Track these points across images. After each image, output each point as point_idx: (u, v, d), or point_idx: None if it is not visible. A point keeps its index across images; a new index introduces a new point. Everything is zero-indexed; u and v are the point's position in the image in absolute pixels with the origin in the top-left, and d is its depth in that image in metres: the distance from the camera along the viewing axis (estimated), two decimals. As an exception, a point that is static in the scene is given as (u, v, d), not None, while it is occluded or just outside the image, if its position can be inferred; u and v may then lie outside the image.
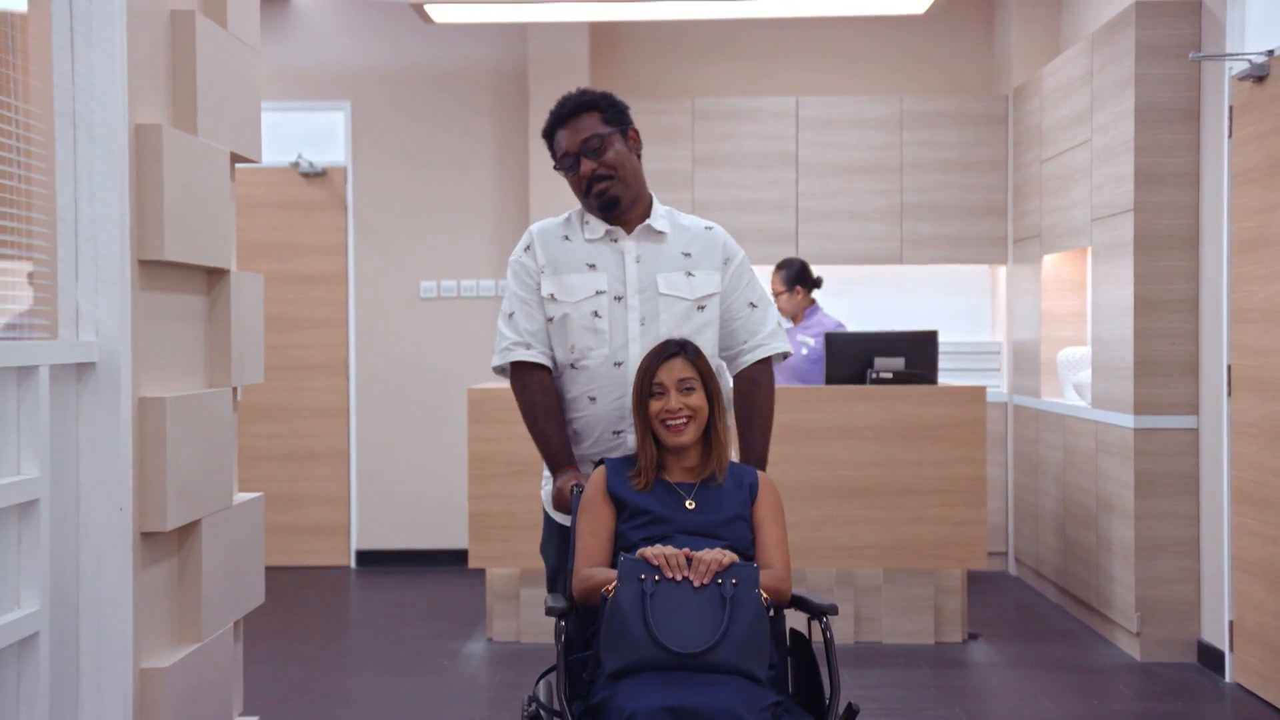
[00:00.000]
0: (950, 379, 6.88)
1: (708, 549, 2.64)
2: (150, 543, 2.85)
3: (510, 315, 3.07)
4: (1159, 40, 5.10)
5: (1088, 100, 5.71)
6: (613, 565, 2.72)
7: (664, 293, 3.02)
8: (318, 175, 7.24)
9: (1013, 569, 6.96)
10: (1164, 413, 5.11)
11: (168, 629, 2.97)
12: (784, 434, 4.83)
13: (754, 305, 3.13)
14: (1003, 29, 7.15)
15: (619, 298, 3.01)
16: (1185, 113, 5.11)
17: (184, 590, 3.02)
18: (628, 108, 3.12)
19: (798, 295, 5.98)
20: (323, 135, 7.28)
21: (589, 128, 3.03)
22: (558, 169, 3.09)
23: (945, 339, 6.91)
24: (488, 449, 5.42)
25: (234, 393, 3.32)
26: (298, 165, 7.20)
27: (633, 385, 2.87)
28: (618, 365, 2.99)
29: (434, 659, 5.22)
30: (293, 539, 7.23)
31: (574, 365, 3.02)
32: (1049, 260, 6.47)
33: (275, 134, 7.02)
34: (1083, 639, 5.51)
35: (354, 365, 7.28)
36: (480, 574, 6.29)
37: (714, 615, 2.56)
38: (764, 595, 2.63)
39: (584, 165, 3.03)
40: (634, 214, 3.08)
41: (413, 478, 7.24)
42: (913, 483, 5.40)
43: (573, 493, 2.91)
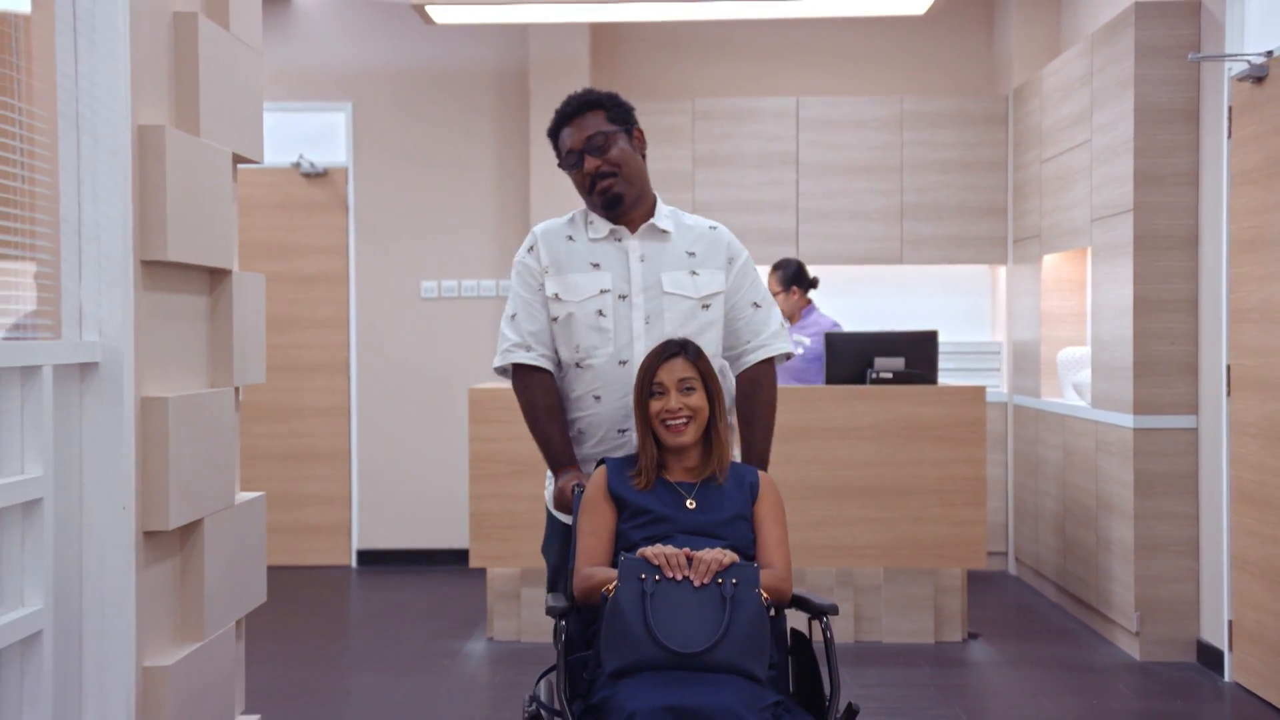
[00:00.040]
0: (950, 379, 6.89)
1: (708, 549, 2.65)
2: (153, 542, 2.86)
3: (513, 316, 3.08)
4: (1159, 41, 5.11)
5: (1087, 100, 5.72)
6: (614, 565, 2.73)
7: (669, 291, 3.02)
8: (319, 175, 7.25)
9: (1012, 569, 6.97)
10: (1163, 412, 5.12)
11: (170, 628, 2.98)
12: (784, 434, 4.83)
13: (758, 305, 3.13)
14: (1003, 29, 7.16)
15: (623, 296, 3.02)
16: (1185, 113, 5.12)
17: (186, 589, 3.03)
18: (633, 108, 3.13)
19: (794, 295, 5.99)
20: (324, 136, 7.29)
21: (593, 125, 3.05)
22: (562, 167, 3.10)
23: (945, 339, 6.92)
24: (488, 449, 5.43)
25: (236, 392, 3.33)
26: (299, 166, 7.21)
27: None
28: (622, 364, 2.99)
29: (435, 658, 5.23)
30: (294, 539, 7.24)
31: (579, 364, 3.03)
32: (1049, 260, 6.48)
33: (276, 134, 7.03)
34: (1082, 638, 5.52)
35: (355, 365, 7.29)
36: (481, 573, 6.30)
37: (714, 615, 2.56)
38: (764, 595, 2.63)
39: (588, 162, 3.04)
40: (638, 213, 3.09)
41: (413, 477, 7.25)
42: (913, 483, 5.41)
43: (574, 492, 2.92)
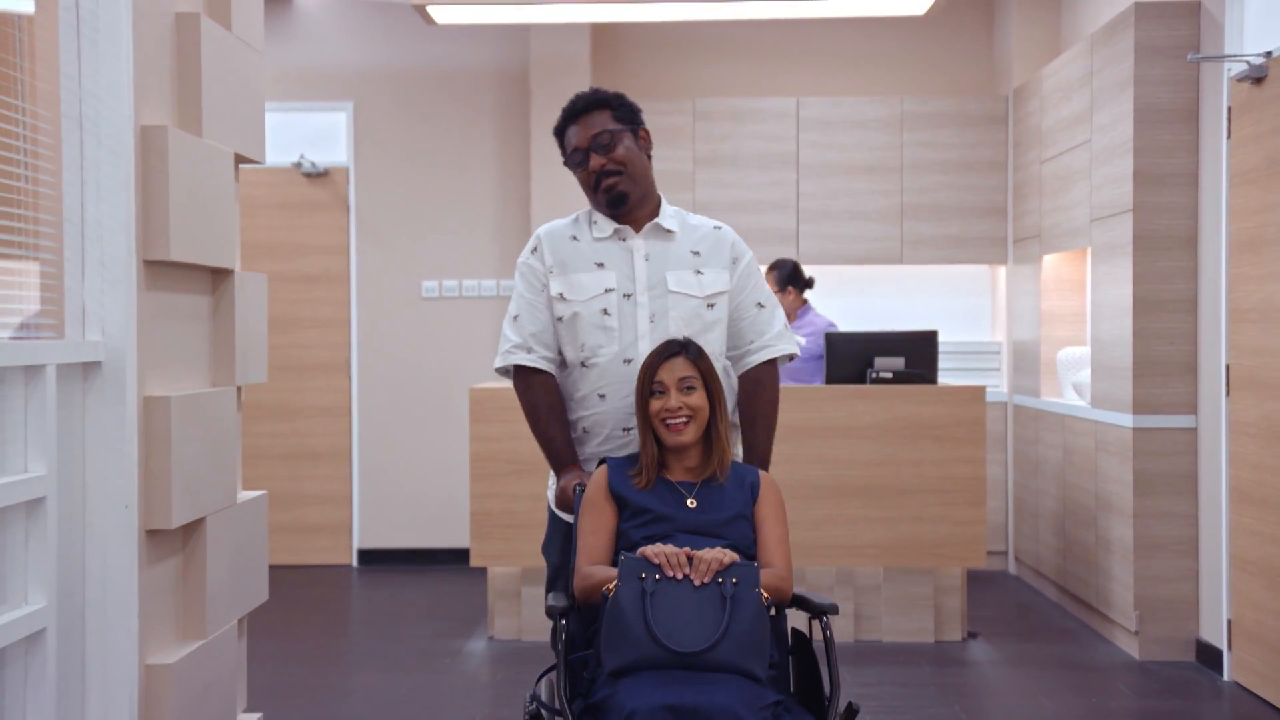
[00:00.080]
0: (950, 379, 6.90)
1: (708, 548, 2.66)
2: (155, 540, 2.87)
3: (515, 317, 3.10)
4: (1158, 41, 5.12)
5: (1087, 101, 5.72)
6: (614, 564, 2.74)
7: (673, 290, 3.04)
8: (320, 175, 7.26)
9: (1012, 568, 6.98)
10: (1163, 412, 5.13)
11: (173, 626, 2.99)
12: (784, 434, 4.83)
13: (762, 305, 3.14)
14: (1003, 30, 7.17)
15: (628, 295, 3.03)
16: (1184, 114, 5.13)
17: (189, 587, 3.04)
18: (640, 109, 3.15)
19: (790, 296, 6.02)
20: (325, 136, 7.30)
21: (600, 124, 3.07)
22: (567, 165, 3.12)
23: (945, 339, 6.93)
24: (489, 448, 5.44)
25: (238, 392, 3.34)
26: (300, 165, 7.22)
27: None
28: (627, 362, 3.00)
29: (435, 657, 5.24)
30: (295, 538, 7.25)
31: (584, 363, 3.04)
32: (1049, 260, 6.49)
33: (278, 134, 7.04)
34: (1082, 637, 5.53)
35: (356, 365, 7.30)
36: (482, 573, 6.31)
37: (714, 614, 2.57)
38: (764, 594, 2.64)
39: (593, 160, 3.06)
40: (642, 212, 3.10)
41: (414, 477, 7.26)
42: (913, 482, 5.42)
43: (575, 492, 2.93)
